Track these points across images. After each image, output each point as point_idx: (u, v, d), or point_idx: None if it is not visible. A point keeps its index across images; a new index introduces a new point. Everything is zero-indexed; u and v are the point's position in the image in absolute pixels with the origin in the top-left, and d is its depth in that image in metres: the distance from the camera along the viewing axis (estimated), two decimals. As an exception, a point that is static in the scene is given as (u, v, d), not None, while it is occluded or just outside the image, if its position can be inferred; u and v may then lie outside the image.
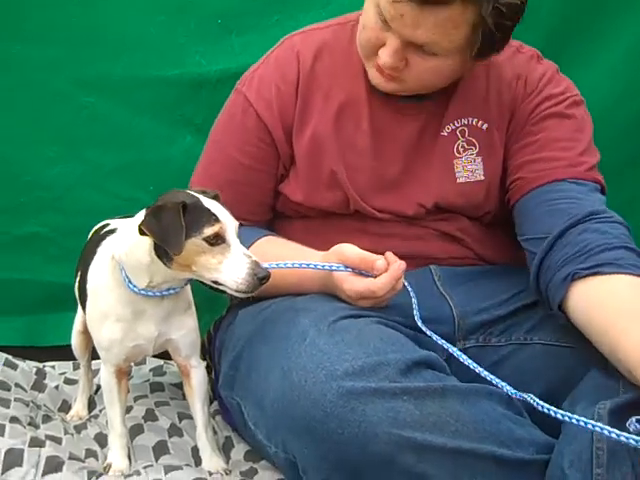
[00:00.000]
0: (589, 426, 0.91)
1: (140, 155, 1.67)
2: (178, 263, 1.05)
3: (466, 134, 1.29)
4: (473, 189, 1.29)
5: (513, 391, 1.04)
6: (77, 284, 1.27)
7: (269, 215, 1.37)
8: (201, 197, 1.06)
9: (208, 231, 1.02)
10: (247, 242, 1.22)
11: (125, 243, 1.10)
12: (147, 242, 1.06)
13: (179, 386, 1.50)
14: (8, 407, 1.28)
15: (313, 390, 0.97)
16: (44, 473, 1.10)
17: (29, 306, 1.70)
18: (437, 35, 1.12)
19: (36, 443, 1.15)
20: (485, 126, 1.29)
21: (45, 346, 1.68)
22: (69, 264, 1.63)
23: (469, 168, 1.29)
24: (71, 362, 1.60)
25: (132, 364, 1.51)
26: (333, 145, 1.28)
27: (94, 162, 1.66)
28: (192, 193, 1.07)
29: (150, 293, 1.10)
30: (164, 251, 1.05)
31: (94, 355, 1.41)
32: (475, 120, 1.29)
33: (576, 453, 0.94)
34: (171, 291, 1.12)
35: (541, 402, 0.97)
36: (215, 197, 1.10)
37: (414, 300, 1.17)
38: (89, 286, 1.18)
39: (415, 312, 1.17)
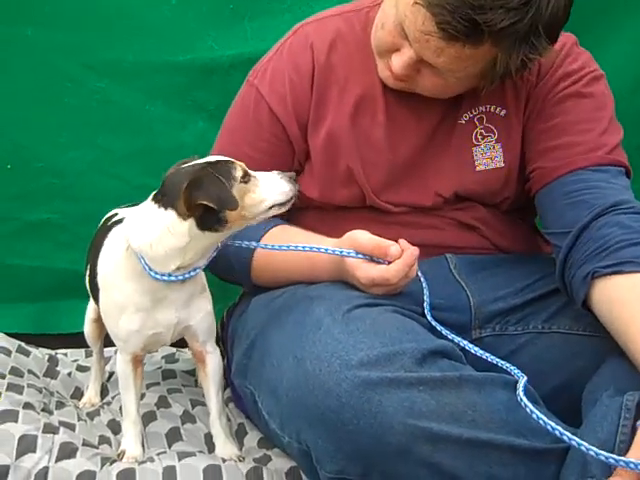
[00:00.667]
0: (582, 448, 0.88)
1: (152, 141, 1.65)
2: (231, 220, 1.05)
3: (484, 121, 1.27)
4: (492, 176, 1.27)
5: (523, 381, 1.02)
6: (87, 277, 1.26)
7: None
8: (202, 159, 1.08)
9: (237, 173, 1.05)
10: (260, 231, 1.22)
11: (149, 233, 1.06)
12: (185, 224, 1.04)
13: (191, 373, 1.50)
14: (21, 393, 1.28)
15: (328, 380, 0.96)
16: (58, 459, 1.09)
17: (40, 293, 1.70)
18: (455, 65, 1.10)
19: (50, 429, 1.15)
20: (503, 112, 1.26)
21: (57, 333, 1.68)
22: (80, 251, 1.63)
23: (488, 155, 1.27)
24: (83, 349, 1.60)
25: (145, 351, 1.51)
26: (349, 140, 1.25)
27: (105, 148, 1.65)
28: (188, 161, 1.09)
29: (173, 277, 1.08)
30: (215, 219, 1.04)
31: (107, 342, 1.41)
32: (492, 107, 1.26)
33: (600, 441, 0.92)
34: (195, 272, 1.10)
35: (536, 411, 0.93)
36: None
37: (426, 292, 1.16)
38: (100, 279, 1.16)
39: (425, 305, 1.15)
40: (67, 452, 1.11)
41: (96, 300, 1.22)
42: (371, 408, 0.94)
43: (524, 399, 0.95)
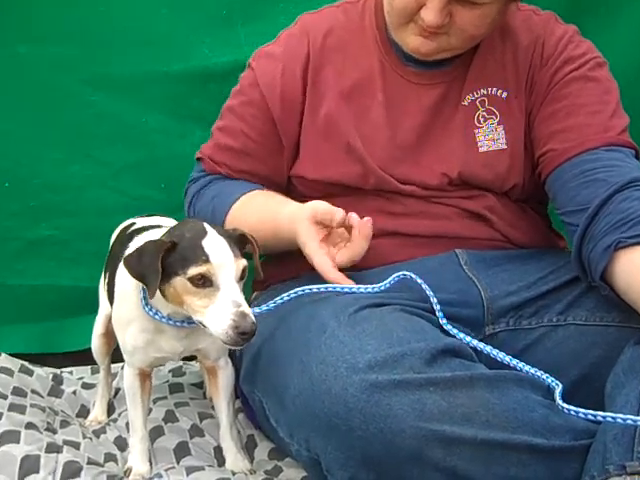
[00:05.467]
0: (629, 422, 0.88)
1: (150, 152, 1.64)
2: (171, 298, 1.01)
3: (486, 104, 1.26)
4: (496, 158, 1.26)
5: (545, 377, 1.00)
6: (105, 285, 1.23)
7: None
8: (209, 232, 0.99)
9: (192, 271, 0.95)
10: (231, 199, 1.28)
11: None
12: None
13: (199, 386, 1.48)
14: (24, 413, 1.25)
15: (334, 385, 0.93)
16: (62, 479, 1.06)
17: (44, 312, 1.67)
18: None
19: (53, 449, 1.12)
20: (505, 95, 1.26)
21: (62, 352, 1.65)
22: (84, 267, 1.62)
23: (490, 137, 1.26)
24: (89, 367, 1.57)
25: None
26: (348, 119, 1.26)
27: (104, 162, 1.63)
28: (205, 226, 1.00)
29: (171, 322, 1.06)
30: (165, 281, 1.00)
31: (113, 358, 1.39)
32: (494, 89, 1.26)
33: (621, 429, 0.90)
34: (189, 324, 1.06)
35: (582, 410, 0.93)
36: (241, 235, 1.04)
37: (434, 301, 1.12)
38: (117, 290, 1.13)
39: (437, 312, 1.12)
40: (72, 471, 1.07)
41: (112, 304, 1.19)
42: (380, 412, 0.91)
43: (564, 405, 0.94)
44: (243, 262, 1.00)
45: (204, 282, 0.96)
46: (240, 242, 1.05)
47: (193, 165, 1.45)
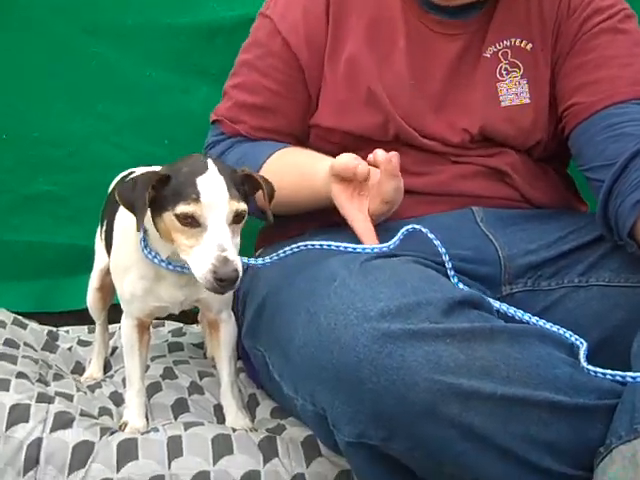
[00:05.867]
0: None
1: (154, 108, 1.58)
2: (162, 233, 0.96)
3: (509, 56, 1.21)
4: (519, 113, 1.20)
5: (568, 335, 0.96)
6: (103, 233, 1.19)
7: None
8: (210, 168, 0.93)
9: (179, 209, 0.91)
10: (260, 158, 1.19)
11: None
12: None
13: (199, 346, 1.43)
14: (15, 363, 1.20)
15: (343, 334, 0.87)
16: (52, 429, 1.01)
17: (40, 270, 1.62)
18: None
19: (44, 399, 1.07)
20: (529, 46, 1.21)
21: (59, 311, 1.60)
22: (81, 225, 1.56)
23: (514, 91, 1.21)
24: (86, 326, 1.52)
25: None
26: (370, 64, 1.20)
27: (105, 116, 1.57)
28: (207, 162, 0.94)
29: (170, 267, 1.00)
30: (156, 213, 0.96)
31: (111, 319, 1.34)
32: (518, 40, 1.21)
33: None
34: (189, 270, 0.99)
35: (609, 372, 0.89)
36: (246, 175, 0.98)
37: (445, 257, 1.06)
38: (115, 235, 1.09)
39: (446, 262, 1.06)
40: (63, 422, 1.02)
41: (110, 255, 1.15)
42: (392, 364, 0.84)
43: (590, 367, 0.90)
44: (239, 205, 0.94)
45: (191, 222, 0.91)
46: (249, 184, 0.99)
47: (198, 121, 1.40)
